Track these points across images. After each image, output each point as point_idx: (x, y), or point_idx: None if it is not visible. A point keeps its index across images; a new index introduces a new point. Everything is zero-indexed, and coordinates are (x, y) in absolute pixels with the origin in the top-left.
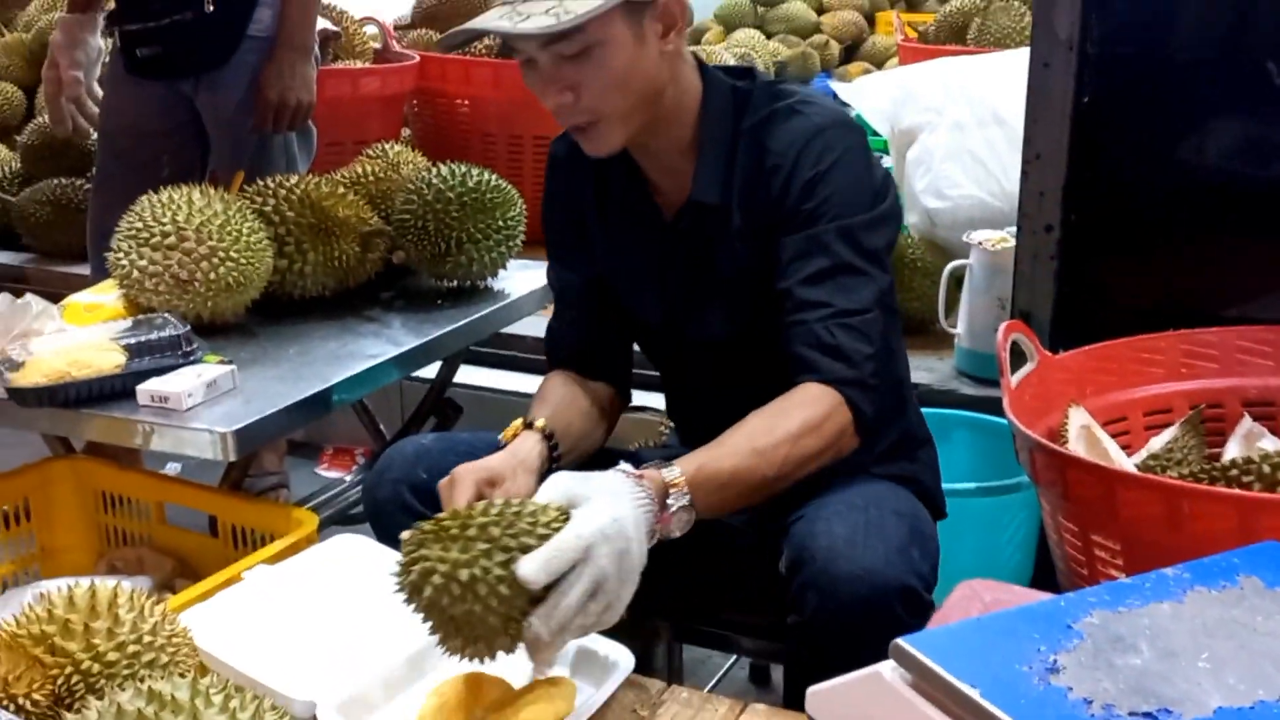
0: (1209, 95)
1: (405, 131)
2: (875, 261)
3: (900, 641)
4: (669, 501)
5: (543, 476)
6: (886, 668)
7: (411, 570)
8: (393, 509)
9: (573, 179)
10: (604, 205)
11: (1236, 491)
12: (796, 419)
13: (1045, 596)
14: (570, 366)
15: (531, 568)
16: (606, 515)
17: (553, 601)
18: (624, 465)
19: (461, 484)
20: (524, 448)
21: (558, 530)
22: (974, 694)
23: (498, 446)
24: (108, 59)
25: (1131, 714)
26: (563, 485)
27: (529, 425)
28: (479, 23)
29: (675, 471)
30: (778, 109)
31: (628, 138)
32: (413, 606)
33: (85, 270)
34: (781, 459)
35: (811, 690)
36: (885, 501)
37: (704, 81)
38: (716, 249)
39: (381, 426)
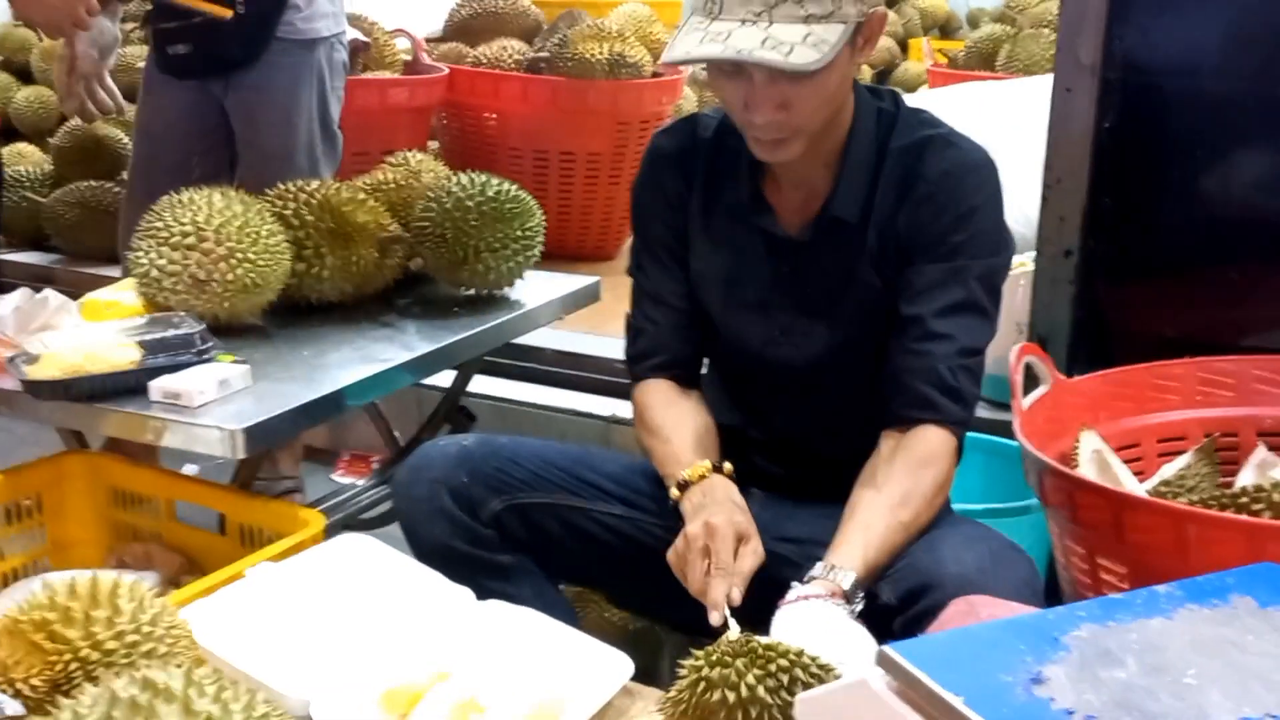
0: (1230, 123)
1: (433, 144)
2: (996, 305)
3: (887, 649)
4: (854, 607)
5: None
6: (874, 675)
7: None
8: (429, 511)
9: (679, 177)
10: (714, 206)
11: (1244, 518)
12: (928, 482)
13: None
14: (665, 374)
15: None
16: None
17: None
18: (808, 590)
19: (725, 540)
20: (739, 498)
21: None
22: (957, 702)
23: (544, 452)
24: (143, 61)
25: None
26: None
27: (717, 469)
28: (727, 53)
29: (849, 577)
30: (933, 136)
31: (806, 148)
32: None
33: (113, 272)
34: (921, 525)
35: (801, 697)
36: (999, 536)
37: (856, 98)
38: (840, 265)
39: (397, 434)
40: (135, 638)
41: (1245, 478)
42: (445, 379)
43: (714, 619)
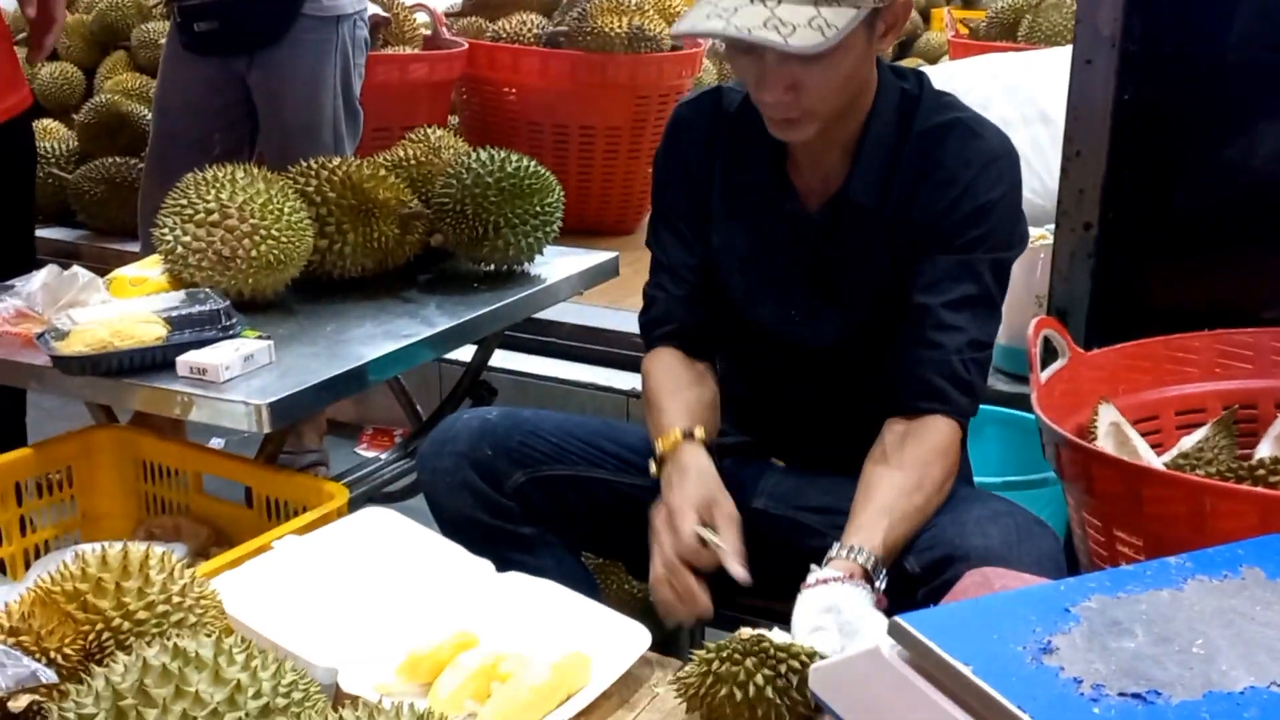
0: (1250, 95)
1: (453, 118)
2: (1003, 295)
3: (899, 619)
4: (878, 585)
5: None
6: (885, 645)
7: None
8: (452, 484)
9: (702, 146)
10: (734, 181)
11: (1259, 490)
12: (939, 471)
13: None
14: (674, 343)
15: None
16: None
17: None
18: (825, 573)
19: (684, 517)
20: (705, 464)
21: None
22: (966, 671)
23: (567, 425)
24: (164, 38)
25: (1121, 694)
26: (831, 626)
27: (689, 436)
28: (728, 30)
29: (869, 557)
30: (956, 122)
31: (821, 128)
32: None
33: (137, 247)
34: (934, 509)
35: (814, 667)
36: (1023, 511)
37: (879, 79)
38: (854, 249)
39: (419, 408)
40: (166, 607)
41: (1264, 449)
42: (466, 354)
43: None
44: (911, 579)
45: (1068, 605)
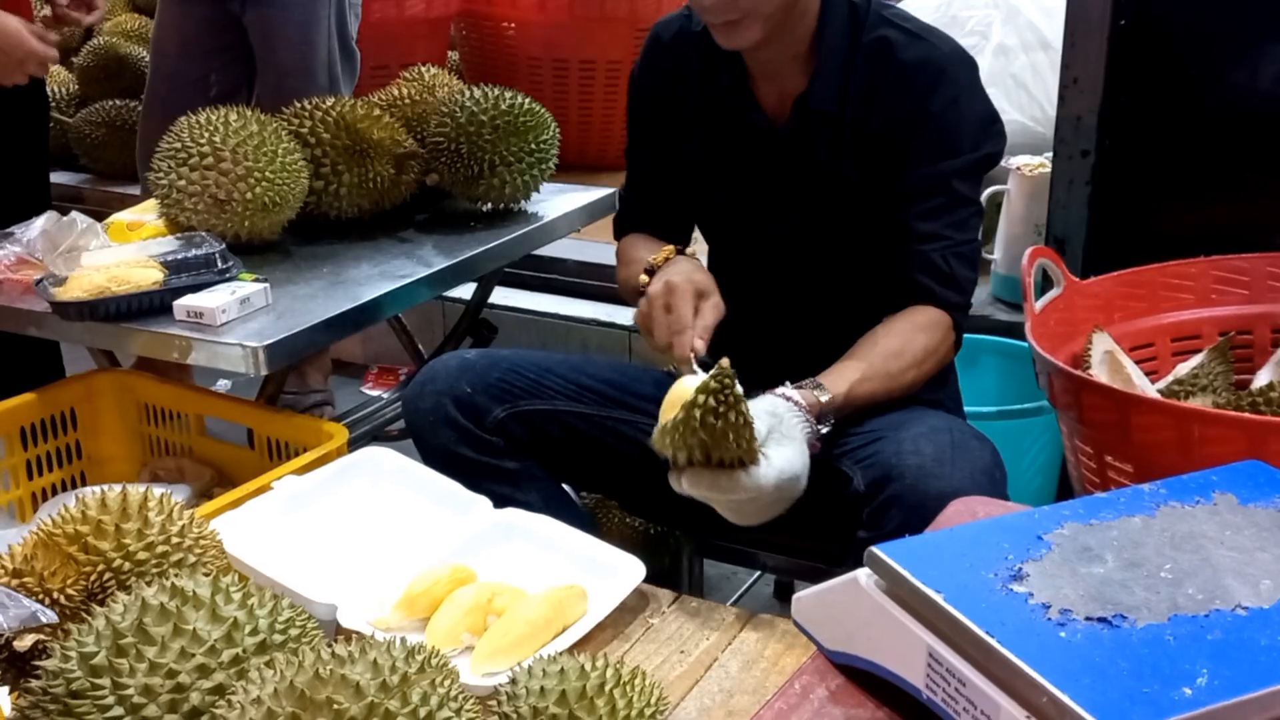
0: (1247, 21)
1: (452, 55)
2: (979, 193)
3: (874, 549)
4: (819, 427)
5: None
6: (863, 574)
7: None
8: (435, 421)
9: (673, 63)
10: (702, 97)
11: (1246, 415)
12: (921, 344)
13: None
14: (642, 232)
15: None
16: (796, 465)
17: (735, 487)
18: (790, 391)
19: (682, 296)
20: (697, 263)
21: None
22: (938, 598)
23: (546, 362)
24: None
25: (1088, 619)
26: (764, 423)
27: (681, 251)
28: None
29: (829, 398)
30: (905, 29)
31: (764, 35)
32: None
33: (138, 190)
34: (909, 383)
35: (796, 596)
36: (963, 426)
37: None
38: (819, 155)
39: (421, 347)
40: (165, 548)
41: (1263, 377)
42: (468, 292)
43: (684, 372)
44: (857, 496)
45: (1040, 533)
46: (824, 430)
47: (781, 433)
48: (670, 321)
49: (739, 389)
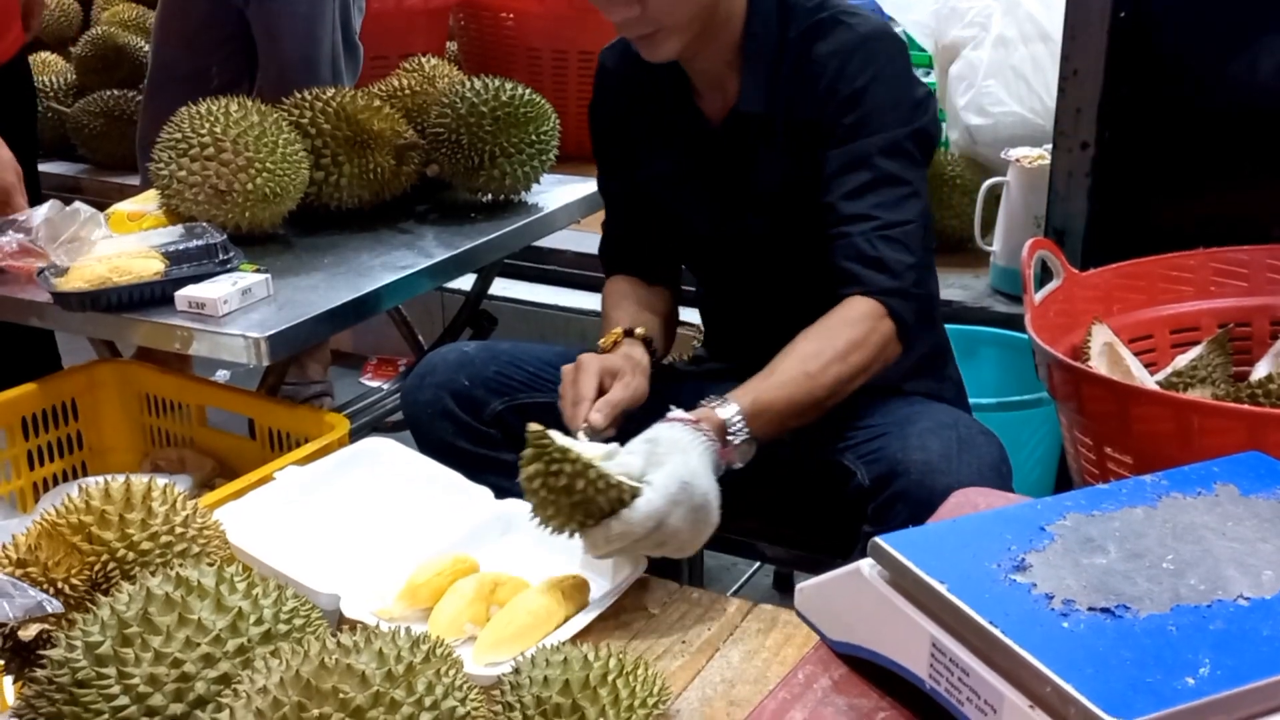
0: (1247, 12)
1: (451, 45)
2: (916, 173)
3: (878, 539)
4: (729, 438)
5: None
6: (866, 564)
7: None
8: (433, 414)
9: (622, 88)
10: (652, 114)
11: (1245, 406)
12: (843, 337)
13: None
14: (628, 271)
15: (596, 543)
16: (675, 482)
17: (619, 536)
18: (677, 413)
19: (587, 371)
20: (635, 352)
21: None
22: (941, 588)
23: (544, 355)
24: None
25: (1090, 609)
26: (640, 451)
27: (629, 334)
28: None
29: (732, 409)
30: (823, 19)
31: (683, 46)
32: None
33: (137, 181)
34: (833, 379)
35: (800, 586)
36: (969, 422)
37: None
38: (759, 157)
39: (421, 338)
40: (169, 538)
41: (1262, 369)
42: (468, 283)
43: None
44: (862, 491)
45: (1043, 524)
46: (737, 442)
47: (657, 456)
48: (572, 395)
49: (559, 440)
